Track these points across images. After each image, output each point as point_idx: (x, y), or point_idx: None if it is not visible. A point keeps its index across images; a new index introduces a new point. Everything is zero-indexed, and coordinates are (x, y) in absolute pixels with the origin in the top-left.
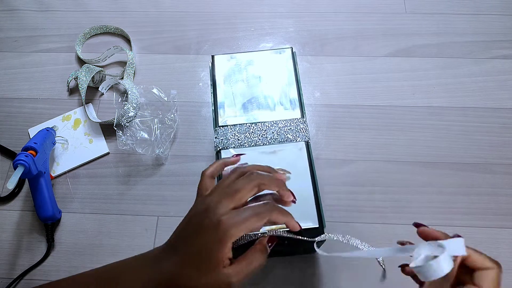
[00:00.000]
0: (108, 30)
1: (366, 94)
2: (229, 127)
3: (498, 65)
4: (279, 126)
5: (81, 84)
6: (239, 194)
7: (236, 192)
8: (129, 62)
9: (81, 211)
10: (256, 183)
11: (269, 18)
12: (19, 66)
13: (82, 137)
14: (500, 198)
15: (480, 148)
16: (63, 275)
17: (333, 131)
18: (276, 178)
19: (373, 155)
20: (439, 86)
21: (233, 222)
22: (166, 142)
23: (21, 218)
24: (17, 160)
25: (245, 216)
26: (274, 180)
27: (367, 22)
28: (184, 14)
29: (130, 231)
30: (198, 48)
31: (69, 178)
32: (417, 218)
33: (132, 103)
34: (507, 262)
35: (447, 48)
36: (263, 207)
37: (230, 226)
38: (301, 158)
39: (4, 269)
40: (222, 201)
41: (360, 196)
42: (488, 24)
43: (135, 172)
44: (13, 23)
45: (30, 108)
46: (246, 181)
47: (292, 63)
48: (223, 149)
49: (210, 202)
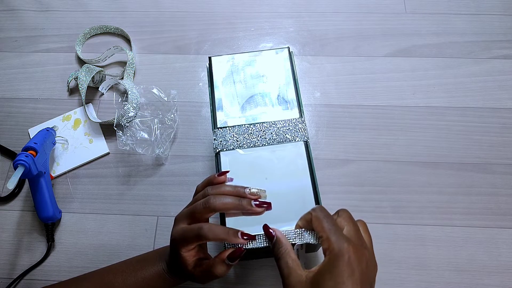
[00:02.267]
0: (108, 30)
1: (366, 94)
2: (228, 128)
3: (498, 65)
4: (278, 127)
5: (81, 84)
6: (195, 215)
7: (193, 214)
8: (129, 62)
9: (81, 211)
10: (211, 208)
11: (269, 18)
12: (19, 66)
13: (82, 137)
14: (500, 198)
15: (480, 148)
16: (63, 275)
17: (333, 131)
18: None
19: (373, 155)
20: (439, 86)
21: (178, 237)
22: (166, 142)
23: (21, 218)
24: (17, 160)
25: (186, 235)
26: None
27: (367, 22)
28: (184, 14)
29: (130, 231)
30: (198, 48)
31: (69, 178)
32: (417, 218)
33: (132, 103)
34: (507, 262)
35: (447, 48)
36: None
37: (175, 240)
38: (300, 158)
39: (4, 269)
40: (183, 218)
41: (360, 196)
42: (488, 24)
43: (135, 172)
44: (13, 23)
45: (30, 108)
46: (201, 207)
47: (289, 63)
48: (222, 150)
49: (176, 217)
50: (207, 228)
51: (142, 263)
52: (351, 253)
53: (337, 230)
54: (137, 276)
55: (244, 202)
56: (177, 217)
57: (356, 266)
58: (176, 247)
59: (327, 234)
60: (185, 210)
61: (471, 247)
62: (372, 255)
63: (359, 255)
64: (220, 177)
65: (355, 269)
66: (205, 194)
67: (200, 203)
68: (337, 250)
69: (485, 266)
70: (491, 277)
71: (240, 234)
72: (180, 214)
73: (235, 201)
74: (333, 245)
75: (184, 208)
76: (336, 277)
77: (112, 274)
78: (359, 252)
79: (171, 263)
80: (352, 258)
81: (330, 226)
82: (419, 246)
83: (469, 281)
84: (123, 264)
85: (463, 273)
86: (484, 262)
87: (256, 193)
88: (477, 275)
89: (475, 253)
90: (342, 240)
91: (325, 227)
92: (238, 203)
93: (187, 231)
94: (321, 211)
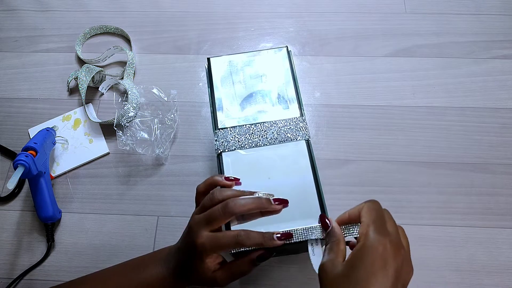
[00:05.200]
0: (108, 30)
1: (366, 94)
2: (229, 129)
3: (498, 65)
4: (279, 126)
5: (81, 84)
6: (215, 222)
7: (213, 220)
8: (129, 62)
9: (81, 211)
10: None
11: (269, 18)
12: (19, 66)
13: (82, 137)
14: (500, 198)
15: (479, 148)
16: (63, 275)
17: (333, 131)
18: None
19: (373, 155)
20: (439, 86)
21: (208, 245)
22: (166, 142)
23: (21, 218)
24: (17, 160)
25: (222, 243)
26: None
27: (367, 22)
28: (184, 14)
29: (130, 231)
30: (198, 48)
31: (69, 178)
32: (417, 218)
33: (132, 103)
34: (507, 262)
35: (447, 48)
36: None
37: (205, 248)
38: (302, 157)
39: (4, 269)
40: (202, 224)
41: (360, 196)
42: (488, 24)
43: (135, 172)
44: (13, 23)
45: (30, 108)
46: (221, 213)
47: (288, 62)
48: (223, 151)
49: (193, 223)
50: (245, 235)
51: (139, 269)
52: (388, 245)
53: (382, 223)
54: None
55: (263, 200)
56: (193, 224)
57: (391, 261)
58: (201, 254)
59: (369, 221)
60: (202, 216)
61: (471, 247)
62: (409, 257)
63: (396, 251)
64: (228, 181)
65: (389, 263)
66: (213, 198)
67: (218, 209)
68: (372, 239)
69: (485, 266)
70: (491, 277)
71: (276, 236)
72: (198, 221)
73: (255, 200)
74: (370, 233)
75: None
76: (367, 267)
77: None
78: (396, 248)
79: (183, 267)
80: (388, 251)
81: (377, 217)
82: (419, 246)
83: (469, 281)
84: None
85: (463, 273)
86: (484, 262)
87: (266, 195)
88: (477, 275)
89: (475, 253)
90: (382, 231)
91: (372, 216)
92: (259, 202)
93: (220, 239)
94: (374, 204)
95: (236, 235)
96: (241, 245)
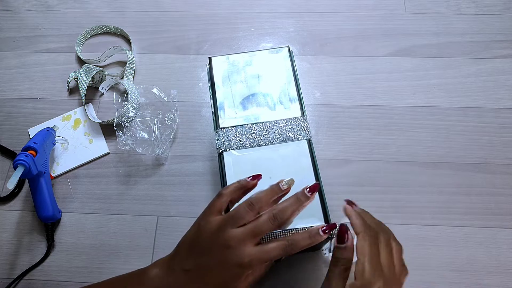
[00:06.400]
0: (108, 30)
1: (366, 94)
2: (230, 128)
3: (498, 65)
4: (280, 126)
5: (81, 84)
6: (262, 234)
7: (261, 233)
8: (129, 62)
9: (81, 211)
10: (281, 223)
11: (269, 18)
12: (19, 66)
13: (82, 137)
14: (500, 198)
15: (479, 148)
16: (63, 275)
17: (333, 131)
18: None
19: (373, 155)
20: (439, 86)
21: (256, 261)
22: (166, 142)
23: (21, 218)
24: (17, 160)
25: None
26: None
27: (367, 22)
28: (184, 14)
29: (130, 231)
30: (198, 48)
31: (69, 178)
32: (417, 218)
33: (132, 103)
34: (507, 262)
35: (447, 48)
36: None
37: (251, 265)
38: (303, 156)
39: (4, 269)
40: (246, 241)
41: (360, 196)
42: (488, 24)
43: (135, 172)
44: (13, 23)
45: (30, 108)
46: (270, 225)
47: (289, 62)
48: (225, 150)
49: (232, 238)
50: (292, 241)
51: None
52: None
53: (377, 261)
54: None
55: (301, 197)
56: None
57: None
58: (243, 272)
59: (364, 260)
60: (246, 231)
61: (471, 247)
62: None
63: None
64: (253, 181)
65: None
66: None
67: (266, 222)
68: (367, 282)
69: (485, 266)
70: (491, 277)
71: (322, 231)
72: (241, 237)
73: (294, 201)
74: (366, 275)
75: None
76: None
77: None
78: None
79: None
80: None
81: (371, 256)
82: (419, 246)
83: (469, 281)
84: None
85: (463, 273)
86: (484, 262)
87: (288, 182)
88: (477, 275)
89: (475, 253)
90: (376, 271)
91: (366, 253)
92: (299, 201)
93: (270, 252)
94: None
95: (284, 245)
96: (290, 253)
